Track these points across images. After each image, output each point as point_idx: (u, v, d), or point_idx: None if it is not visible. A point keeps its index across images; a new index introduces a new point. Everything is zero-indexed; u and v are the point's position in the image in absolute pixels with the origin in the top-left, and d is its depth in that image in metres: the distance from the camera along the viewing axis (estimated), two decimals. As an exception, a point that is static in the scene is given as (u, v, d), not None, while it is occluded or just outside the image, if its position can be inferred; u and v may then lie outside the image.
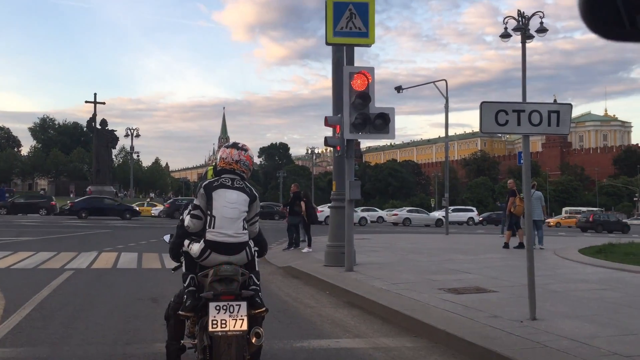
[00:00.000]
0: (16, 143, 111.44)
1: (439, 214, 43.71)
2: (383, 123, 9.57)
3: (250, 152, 4.09)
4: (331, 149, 11.44)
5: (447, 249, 15.34)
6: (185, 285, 3.84)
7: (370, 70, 9.76)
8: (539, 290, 6.31)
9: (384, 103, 10.67)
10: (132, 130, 66.57)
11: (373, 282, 8.51)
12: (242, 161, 4.00)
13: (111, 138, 71.05)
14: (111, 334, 5.64)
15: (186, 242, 3.91)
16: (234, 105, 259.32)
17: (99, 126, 69.06)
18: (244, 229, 3.82)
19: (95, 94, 66.80)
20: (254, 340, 3.59)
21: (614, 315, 6.04)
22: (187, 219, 3.92)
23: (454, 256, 13.06)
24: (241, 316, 3.53)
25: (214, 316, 3.50)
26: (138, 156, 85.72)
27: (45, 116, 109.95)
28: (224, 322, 3.50)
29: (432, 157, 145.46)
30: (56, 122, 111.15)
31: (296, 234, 15.27)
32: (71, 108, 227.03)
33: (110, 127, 71.34)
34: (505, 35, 21.83)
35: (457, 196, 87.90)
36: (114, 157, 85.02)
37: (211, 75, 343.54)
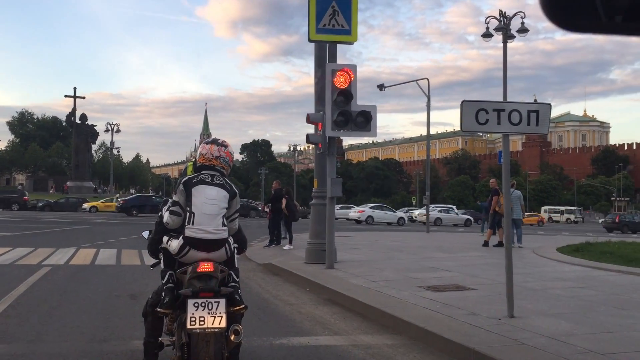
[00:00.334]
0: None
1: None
2: (365, 121, 9.59)
3: (230, 149, 4.07)
4: (313, 147, 11.43)
5: (428, 247, 15.42)
6: (163, 282, 3.81)
7: (353, 67, 9.77)
8: (517, 288, 6.38)
9: (366, 101, 10.68)
10: (112, 126, 66.05)
11: (353, 280, 8.53)
12: (222, 157, 3.97)
13: (91, 133, 70.46)
14: (88, 331, 5.58)
15: (165, 238, 3.87)
16: (216, 102, 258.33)
17: (78, 121, 68.38)
18: (224, 225, 3.80)
19: (75, 88, 65.83)
20: (232, 338, 3.57)
21: (590, 313, 6.12)
22: (166, 215, 3.89)
23: (434, 254, 13.14)
24: (220, 313, 3.50)
25: (192, 313, 3.48)
26: (118, 152, 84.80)
27: (24, 110, 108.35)
28: (202, 319, 3.48)
29: (414, 156, 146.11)
30: (35, 117, 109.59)
31: (277, 231, 15.24)
32: (50, 102, 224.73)
33: (90, 122, 70.81)
34: (487, 35, 22.01)
35: (438, 194, 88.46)
36: (93, 152, 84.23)
37: (193, 71, 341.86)
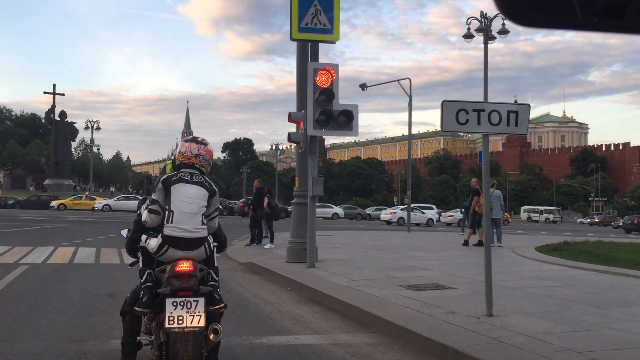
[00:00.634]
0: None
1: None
2: (346, 120, 9.61)
3: (210, 147, 4.04)
4: (295, 145, 11.43)
5: (409, 246, 15.50)
6: (142, 280, 3.77)
7: (335, 67, 9.78)
8: (496, 287, 6.43)
9: (349, 100, 10.68)
10: (92, 123, 65.21)
11: (334, 279, 8.54)
12: (201, 155, 3.95)
13: (70, 130, 69.64)
14: (65, 330, 5.51)
15: (143, 237, 3.84)
16: (197, 100, 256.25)
17: (57, 118, 67.57)
18: (203, 224, 3.78)
19: (55, 85, 65.36)
20: (211, 337, 3.55)
21: (567, 312, 6.20)
22: (144, 214, 3.85)
23: (414, 253, 13.21)
24: (198, 312, 3.48)
25: (171, 312, 3.45)
26: (98, 149, 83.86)
27: (2, 107, 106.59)
28: (180, 318, 3.45)
29: (395, 155, 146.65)
30: (13, 113, 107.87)
31: (258, 230, 15.20)
32: (29, 99, 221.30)
33: (69, 119, 69.98)
34: (468, 36, 22.15)
35: (419, 194, 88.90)
36: (73, 150, 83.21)
37: (175, 68, 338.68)
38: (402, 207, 46.38)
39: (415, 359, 4.85)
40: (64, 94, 67.65)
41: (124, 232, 4.35)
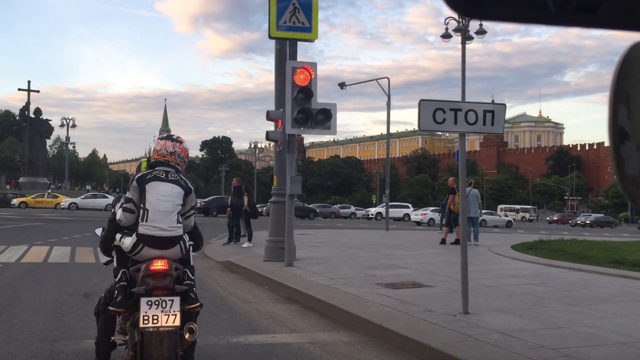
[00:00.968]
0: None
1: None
2: (325, 118, 9.61)
3: (185, 144, 4.01)
4: (273, 144, 11.39)
5: (387, 245, 15.56)
6: (116, 280, 3.73)
7: (313, 65, 9.77)
8: (473, 285, 6.49)
9: (328, 99, 10.72)
10: (67, 120, 64.33)
11: (312, 277, 8.54)
12: (176, 153, 3.91)
13: (45, 128, 68.56)
14: (39, 330, 5.43)
15: (118, 235, 3.79)
16: (176, 97, 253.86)
17: (32, 115, 66.48)
18: (179, 222, 3.74)
19: (29, 82, 64.15)
20: (187, 336, 3.53)
21: (541, 309, 6.28)
22: (119, 213, 3.81)
23: (392, 252, 13.26)
24: (174, 312, 3.45)
25: (145, 312, 3.42)
26: (74, 147, 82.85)
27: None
28: (155, 317, 3.42)
29: (374, 154, 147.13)
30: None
31: (236, 229, 15.14)
32: (3, 96, 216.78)
33: (44, 116, 68.85)
34: (446, 36, 22.27)
35: (398, 193, 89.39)
36: (48, 147, 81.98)
37: (153, 66, 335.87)
38: (432, 208, 46.71)
39: (392, 357, 4.87)
40: (39, 91, 66.52)
41: (99, 231, 4.30)
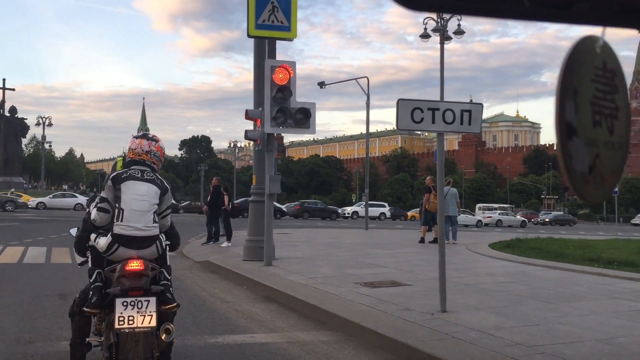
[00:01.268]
0: None
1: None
2: (304, 118, 9.60)
3: (161, 143, 3.97)
4: (253, 143, 11.35)
5: (366, 244, 15.61)
6: (91, 280, 3.68)
7: (292, 64, 9.75)
8: (450, 284, 6.54)
9: (308, 98, 10.71)
10: (44, 119, 63.41)
11: (291, 277, 8.53)
12: (152, 152, 3.87)
13: (21, 126, 67.44)
14: (12, 332, 5.34)
15: (93, 235, 3.74)
16: (154, 96, 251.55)
17: (7, 114, 65.33)
18: (155, 222, 3.71)
19: (4, 80, 62.80)
20: (163, 337, 3.50)
21: (518, 307, 6.34)
22: (93, 212, 3.75)
23: (372, 251, 13.31)
24: (150, 312, 3.42)
25: (121, 312, 3.38)
26: (50, 146, 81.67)
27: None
28: (131, 318, 3.38)
29: (354, 153, 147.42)
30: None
31: (216, 228, 15.06)
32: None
33: (20, 115, 67.71)
34: (425, 36, 22.42)
35: (377, 192, 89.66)
36: (24, 146, 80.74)
37: (131, 64, 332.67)
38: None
39: (370, 356, 4.88)
40: (14, 89, 65.29)
41: (73, 231, 4.24)
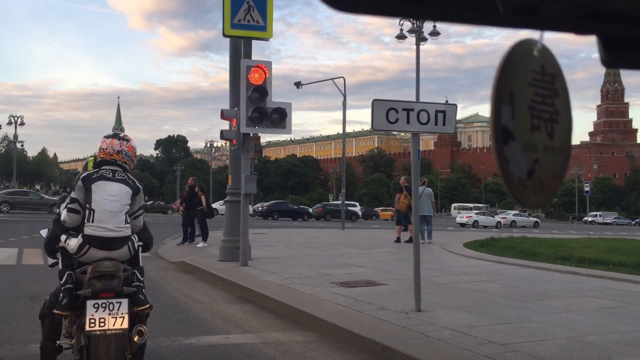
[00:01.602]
0: None
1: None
2: (280, 118, 9.59)
3: (133, 143, 3.92)
4: (229, 143, 11.30)
5: (342, 244, 15.63)
6: (61, 282, 3.62)
7: (268, 64, 9.74)
8: (425, 283, 6.58)
9: (285, 98, 10.71)
10: (15, 118, 62.25)
11: (267, 277, 8.50)
12: (123, 152, 3.82)
13: (-8, 125, 66.21)
14: (-19, 335, 5.23)
15: (63, 237, 3.68)
16: (129, 95, 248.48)
17: (-23, 112, 64.10)
18: (127, 222, 3.66)
19: (-26, 78, 61.65)
20: (136, 339, 3.46)
21: (491, 306, 6.41)
22: (63, 213, 3.69)
23: (348, 250, 13.33)
24: (121, 314, 3.38)
25: (92, 315, 3.33)
26: (22, 146, 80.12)
27: None
28: (102, 320, 3.34)
29: (331, 153, 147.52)
30: None
31: (191, 228, 14.95)
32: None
33: (-9, 113, 66.49)
34: (401, 37, 22.53)
35: (354, 192, 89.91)
36: (-6, 146, 79.24)
37: (105, 63, 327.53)
38: (476, 211, 48.98)
39: (345, 355, 4.89)
40: (-16, 87, 64.13)
41: (44, 232, 4.17)
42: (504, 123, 0.85)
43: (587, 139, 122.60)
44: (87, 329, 3.33)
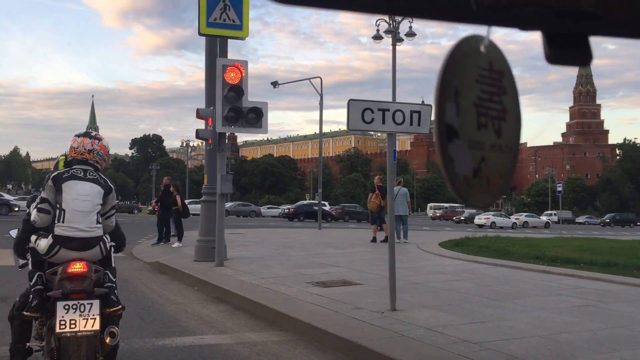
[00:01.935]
0: None
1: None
2: (256, 117, 9.55)
3: (105, 142, 3.87)
4: (205, 142, 11.22)
5: (319, 244, 15.63)
6: (31, 283, 3.55)
7: (244, 63, 9.69)
8: (401, 282, 6.62)
9: (262, 98, 10.70)
10: (-14, 116, 61.06)
11: (242, 277, 8.46)
12: (95, 150, 3.77)
13: (-39, 123, 64.89)
14: (-52, 338, 5.11)
15: (33, 237, 3.61)
16: (104, 94, 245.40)
17: (-54, 110, 62.82)
18: (98, 222, 3.61)
19: (-57, 74, 60.34)
20: (108, 341, 3.41)
21: (466, 305, 6.47)
22: (33, 213, 3.62)
23: (324, 250, 13.33)
24: (93, 315, 3.33)
25: (62, 316, 3.28)
26: (-7, 144, 78.59)
27: None
28: (73, 322, 3.28)
29: (308, 153, 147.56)
30: None
31: (166, 228, 14.82)
32: None
33: (-40, 111, 65.15)
34: (378, 37, 22.61)
35: (331, 191, 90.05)
36: (-36, 144, 77.62)
37: (79, 61, 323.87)
38: (493, 212, 49.25)
39: (320, 355, 4.89)
40: (-46, 84, 62.81)
41: (13, 233, 4.09)
42: (448, 120, 0.83)
43: (560, 139, 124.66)
44: (58, 330, 3.27)
